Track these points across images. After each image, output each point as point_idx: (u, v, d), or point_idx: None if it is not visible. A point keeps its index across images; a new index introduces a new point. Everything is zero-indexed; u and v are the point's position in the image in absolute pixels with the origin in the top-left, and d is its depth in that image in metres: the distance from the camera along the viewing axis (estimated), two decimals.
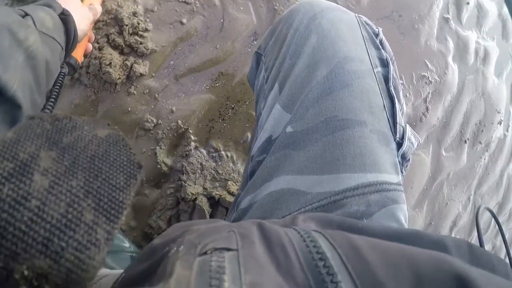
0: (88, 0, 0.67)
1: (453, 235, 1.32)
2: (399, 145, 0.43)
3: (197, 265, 0.21)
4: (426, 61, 1.17)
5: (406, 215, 0.40)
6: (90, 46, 0.73)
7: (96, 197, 0.19)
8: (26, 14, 0.41)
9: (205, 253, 0.23)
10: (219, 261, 0.21)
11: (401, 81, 1.12)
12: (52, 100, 0.49)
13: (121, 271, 0.37)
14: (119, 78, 0.80)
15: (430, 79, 1.17)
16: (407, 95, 1.13)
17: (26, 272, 0.16)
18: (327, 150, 0.40)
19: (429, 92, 1.17)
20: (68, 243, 0.17)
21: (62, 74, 0.52)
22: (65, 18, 0.49)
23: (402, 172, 0.44)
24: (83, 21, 0.56)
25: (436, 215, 1.26)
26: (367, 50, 0.45)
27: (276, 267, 0.23)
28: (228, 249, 0.23)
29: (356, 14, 0.49)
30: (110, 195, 0.20)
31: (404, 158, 0.44)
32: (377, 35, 0.48)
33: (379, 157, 0.39)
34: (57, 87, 0.51)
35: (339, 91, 0.41)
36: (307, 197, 0.39)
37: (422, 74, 1.16)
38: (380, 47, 0.47)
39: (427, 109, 1.17)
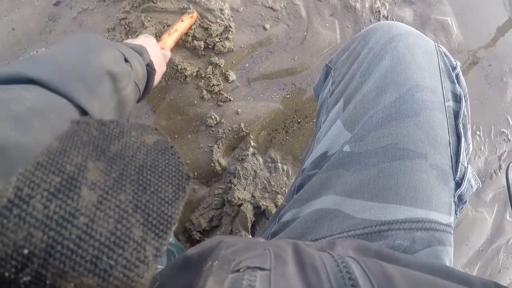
0: (161, 44, 0.70)
1: None
2: (458, 185, 0.40)
3: (228, 282, 0.21)
4: (509, 118, 1.08)
5: (452, 259, 0.38)
6: None
7: (145, 212, 0.18)
8: (126, 61, 0.42)
9: (238, 270, 0.22)
10: (250, 279, 0.21)
11: (478, 133, 1.04)
12: None
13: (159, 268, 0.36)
14: (192, 73, 0.81)
15: (509, 137, 1.08)
16: (481, 148, 1.04)
17: None
18: (382, 177, 0.38)
19: (505, 150, 1.08)
20: (117, 261, 0.16)
21: None
22: (150, 71, 0.50)
23: (456, 213, 0.41)
24: (158, 68, 0.58)
25: None
26: (441, 81, 0.43)
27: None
28: (261, 269, 0.23)
29: (436, 44, 0.46)
30: (159, 209, 0.19)
31: (460, 199, 0.41)
32: (454, 68, 0.45)
33: (433, 194, 0.37)
34: None
35: (404, 119, 0.39)
36: (351, 222, 0.38)
37: (501, 130, 1.07)
38: (456, 81, 0.45)
39: (499, 167, 1.07)
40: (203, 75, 0.82)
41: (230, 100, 0.82)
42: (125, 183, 0.19)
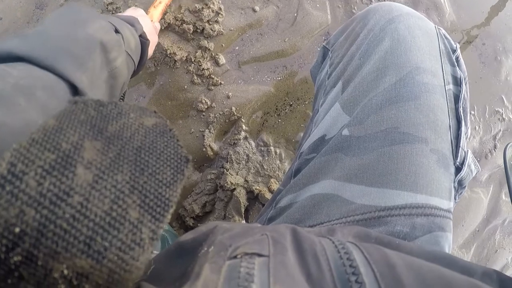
0: (149, 17, 0.69)
1: None
2: (458, 170, 0.39)
3: (225, 270, 0.20)
4: (503, 97, 1.07)
5: (451, 245, 0.37)
6: None
7: (142, 193, 0.18)
8: (117, 31, 0.41)
9: (235, 257, 0.22)
10: (248, 267, 0.21)
11: (473, 112, 1.03)
12: None
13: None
14: (181, 58, 0.80)
15: (503, 116, 1.07)
16: (476, 127, 1.04)
17: (66, 272, 0.15)
18: (381, 162, 0.38)
19: (500, 130, 1.07)
20: (112, 243, 0.16)
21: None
22: (144, 42, 0.49)
23: (455, 199, 0.40)
24: (151, 39, 0.58)
25: (482, 260, 1.16)
26: (441, 64, 0.42)
27: (307, 277, 0.22)
28: (259, 255, 0.22)
29: (436, 26, 0.46)
30: (157, 191, 0.18)
31: (460, 184, 0.41)
32: (454, 51, 0.45)
33: (434, 179, 0.37)
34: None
35: (405, 102, 0.39)
36: (350, 207, 0.37)
37: (496, 109, 1.06)
38: (456, 64, 0.44)
39: (495, 147, 1.07)
40: (192, 60, 0.81)
41: (220, 84, 0.81)
42: (122, 163, 0.18)
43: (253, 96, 0.80)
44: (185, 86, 0.80)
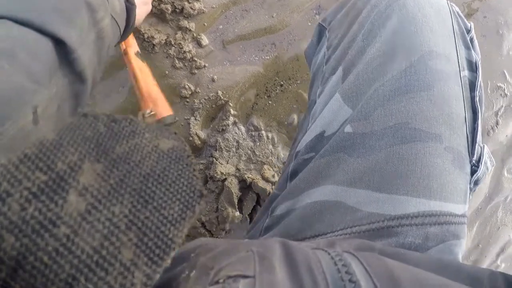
0: None
1: (498, 262, 1.21)
2: (474, 168, 0.36)
3: None
4: (505, 72, 1.04)
5: (464, 249, 0.34)
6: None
7: (141, 230, 0.16)
8: None
9: (218, 282, 0.20)
10: None
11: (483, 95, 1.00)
12: None
13: None
14: (161, 41, 0.73)
15: (506, 92, 1.04)
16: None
17: None
18: (390, 163, 0.34)
19: (502, 106, 1.04)
20: (97, 286, 0.14)
21: None
22: (129, 6, 0.47)
23: (469, 198, 0.37)
24: (141, 11, 0.56)
25: (485, 238, 1.15)
26: (456, 47, 0.37)
27: None
28: (244, 276, 0.20)
29: (449, 1, 0.40)
30: (159, 229, 0.16)
31: (476, 184, 0.37)
32: (468, 31, 0.40)
33: (449, 182, 0.33)
34: None
35: (416, 93, 0.34)
36: (356, 215, 0.33)
37: (498, 84, 1.03)
38: (471, 46, 0.39)
39: (497, 123, 1.03)
40: (172, 42, 0.74)
41: (204, 66, 0.75)
42: (124, 192, 0.17)
43: (240, 78, 0.74)
44: (166, 72, 0.74)
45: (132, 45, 0.65)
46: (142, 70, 0.64)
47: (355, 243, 0.29)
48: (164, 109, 0.61)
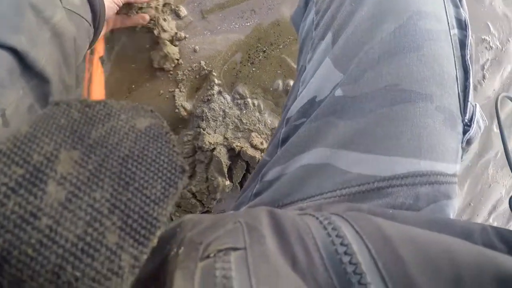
0: None
1: (490, 221, 1.23)
2: (466, 128, 0.35)
3: (199, 276, 0.18)
4: (489, 23, 1.02)
5: (456, 210, 0.34)
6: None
7: (124, 212, 0.16)
8: None
9: (208, 256, 0.20)
10: (224, 268, 0.18)
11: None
12: None
13: None
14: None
15: (491, 45, 1.03)
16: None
17: None
18: (380, 125, 0.33)
19: (488, 59, 1.03)
20: (84, 272, 0.14)
21: None
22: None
23: (461, 158, 0.37)
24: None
25: (477, 196, 1.15)
26: (444, 5, 0.37)
27: (293, 265, 0.20)
28: (235, 249, 0.20)
29: None
30: (142, 209, 0.16)
31: (468, 143, 0.37)
32: None
33: (439, 142, 0.33)
34: None
35: (406, 54, 0.34)
36: (345, 177, 0.33)
37: (482, 37, 1.01)
38: (459, 4, 0.38)
39: (483, 77, 1.03)
40: (151, 17, 0.73)
41: (185, 38, 0.74)
42: (104, 177, 0.16)
43: (222, 47, 0.74)
44: (147, 46, 0.74)
45: (97, 49, 0.65)
46: (99, 77, 0.65)
47: (342, 207, 0.29)
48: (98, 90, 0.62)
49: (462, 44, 0.37)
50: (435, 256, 0.19)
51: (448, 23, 0.36)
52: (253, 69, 0.74)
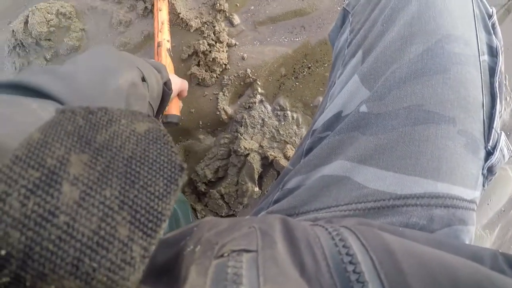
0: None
1: None
2: (489, 155, 0.35)
3: (212, 271, 0.20)
4: None
5: (472, 239, 0.33)
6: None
7: (132, 208, 0.17)
8: (144, 79, 0.40)
9: (222, 255, 0.21)
10: (236, 266, 0.20)
11: (505, 82, 0.96)
12: None
13: None
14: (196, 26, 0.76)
15: None
16: (507, 98, 0.97)
17: None
18: (401, 143, 0.34)
19: None
20: (100, 264, 0.16)
21: None
22: (166, 92, 0.48)
23: (483, 186, 0.36)
24: (176, 89, 0.56)
25: (506, 242, 1.10)
26: (476, 31, 0.37)
27: (301, 269, 0.21)
28: (247, 251, 0.21)
29: None
30: (148, 205, 0.18)
31: (490, 171, 0.36)
32: (490, 16, 0.39)
33: (459, 165, 0.33)
34: None
35: (432, 76, 0.34)
36: (362, 192, 0.34)
37: None
38: (492, 32, 0.38)
39: None
40: (205, 21, 0.77)
41: (235, 45, 0.77)
42: (111, 176, 0.18)
43: (269, 58, 0.76)
44: (199, 47, 0.77)
45: (163, 43, 0.69)
46: (170, 67, 0.69)
47: (352, 221, 0.30)
48: (174, 108, 0.64)
49: (492, 71, 0.36)
50: (436, 270, 0.20)
51: (478, 48, 0.36)
52: (297, 83, 0.76)
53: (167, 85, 0.48)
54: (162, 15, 0.71)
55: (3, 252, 0.14)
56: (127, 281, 0.16)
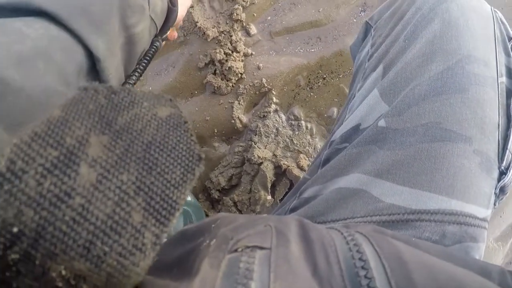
0: None
1: None
2: (502, 175, 0.35)
3: (225, 264, 0.20)
4: None
5: (482, 256, 0.34)
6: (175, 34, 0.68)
7: (148, 195, 0.17)
8: None
9: (236, 250, 0.21)
10: (248, 262, 0.20)
11: None
12: (137, 73, 0.42)
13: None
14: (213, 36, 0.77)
15: None
16: None
17: (63, 272, 0.15)
18: (418, 160, 0.34)
19: None
20: (112, 248, 0.16)
21: (155, 47, 0.45)
22: (171, 8, 0.45)
23: (495, 204, 0.36)
24: (181, 8, 0.52)
25: None
26: (496, 53, 0.37)
27: (313, 269, 0.21)
28: (261, 248, 0.21)
29: (492, 8, 0.41)
30: (164, 192, 0.17)
31: (502, 191, 0.36)
32: (510, 38, 0.40)
33: (473, 184, 0.34)
34: (146, 61, 0.44)
35: (451, 95, 0.35)
36: (377, 205, 0.34)
37: None
38: (511, 54, 0.39)
39: None
40: (222, 30, 0.78)
41: (251, 54, 0.78)
42: (130, 161, 0.17)
43: (285, 68, 0.77)
44: (215, 56, 0.78)
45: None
46: None
47: (367, 228, 0.30)
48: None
49: (509, 93, 0.37)
50: (444, 283, 0.20)
51: (497, 70, 0.37)
52: (311, 93, 0.77)
53: (171, 1, 0.45)
54: None
55: (15, 229, 0.14)
56: (137, 266, 0.16)
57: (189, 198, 0.69)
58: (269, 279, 0.19)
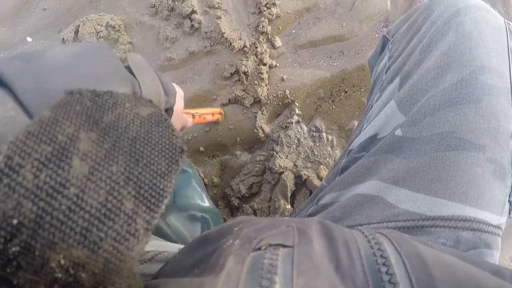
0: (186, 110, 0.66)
1: None
2: None
3: (249, 261, 0.21)
4: None
5: (496, 263, 0.34)
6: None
7: (137, 184, 0.18)
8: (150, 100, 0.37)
9: (260, 248, 0.22)
10: (272, 258, 0.21)
11: None
12: None
13: (180, 247, 0.35)
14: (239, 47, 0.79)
15: None
16: None
17: (62, 261, 0.16)
18: (433, 167, 0.35)
19: None
20: (107, 234, 0.16)
21: None
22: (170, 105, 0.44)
23: (509, 213, 0.37)
24: (175, 123, 0.53)
25: None
26: (509, 64, 0.38)
27: (336, 266, 0.22)
28: (284, 246, 0.22)
29: (506, 20, 0.42)
30: (151, 182, 0.19)
31: None
32: None
33: (486, 191, 0.34)
34: None
35: (465, 105, 0.36)
36: (393, 212, 0.35)
37: None
38: None
39: None
40: (248, 42, 0.80)
41: (275, 66, 0.80)
42: (118, 154, 0.18)
43: (308, 81, 0.79)
44: (240, 67, 0.80)
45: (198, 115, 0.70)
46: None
47: (386, 230, 0.31)
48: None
49: None
50: (463, 280, 0.21)
51: (511, 81, 0.38)
52: (333, 106, 0.78)
53: (168, 113, 0.45)
54: (207, 117, 0.73)
55: (15, 221, 0.15)
56: (131, 251, 0.17)
57: (207, 204, 0.71)
58: (292, 274, 0.20)
